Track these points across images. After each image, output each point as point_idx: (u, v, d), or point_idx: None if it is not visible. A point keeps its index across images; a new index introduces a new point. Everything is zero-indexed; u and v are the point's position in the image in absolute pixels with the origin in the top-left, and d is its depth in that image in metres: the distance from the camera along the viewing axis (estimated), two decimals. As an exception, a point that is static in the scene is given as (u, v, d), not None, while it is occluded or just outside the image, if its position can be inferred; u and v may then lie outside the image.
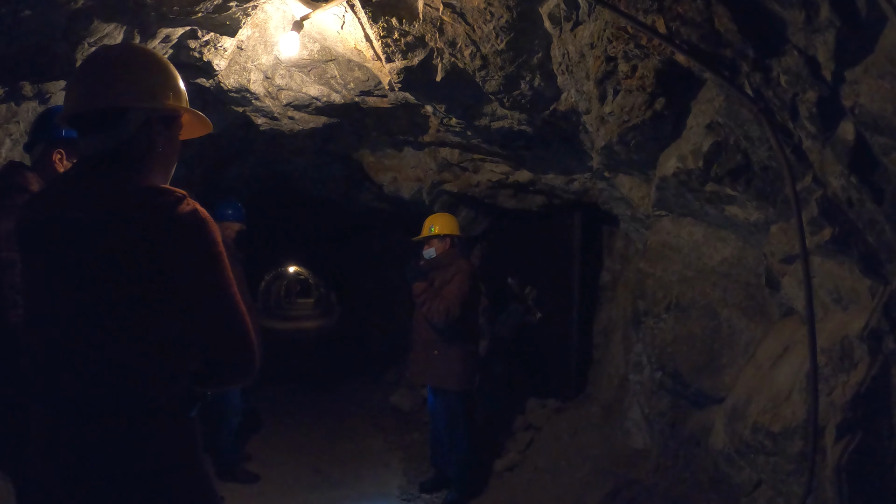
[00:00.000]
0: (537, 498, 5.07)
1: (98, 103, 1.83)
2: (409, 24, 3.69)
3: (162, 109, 1.91)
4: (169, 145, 1.96)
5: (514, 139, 4.89)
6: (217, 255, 1.78)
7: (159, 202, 1.72)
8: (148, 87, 1.88)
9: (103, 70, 1.87)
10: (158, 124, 1.91)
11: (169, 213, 1.71)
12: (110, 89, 1.83)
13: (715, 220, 3.74)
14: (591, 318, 6.68)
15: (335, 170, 8.09)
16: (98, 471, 1.71)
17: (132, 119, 1.84)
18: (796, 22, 2.41)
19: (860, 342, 2.88)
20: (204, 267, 1.76)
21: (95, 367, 1.72)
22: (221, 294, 1.78)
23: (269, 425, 7.62)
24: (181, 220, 1.72)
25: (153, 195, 1.74)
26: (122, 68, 1.87)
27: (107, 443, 1.72)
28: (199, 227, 1.75)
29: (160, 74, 1.92)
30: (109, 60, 1.90)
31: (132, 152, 1.85)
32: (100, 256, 1.70)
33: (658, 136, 3.57)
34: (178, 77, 1.99)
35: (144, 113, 1.86)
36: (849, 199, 2.73)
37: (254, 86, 4.81)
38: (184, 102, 1.99)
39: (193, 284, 1.74)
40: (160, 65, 1.95)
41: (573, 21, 3.32)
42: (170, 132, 1.96)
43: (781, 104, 2.72)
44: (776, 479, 3.21)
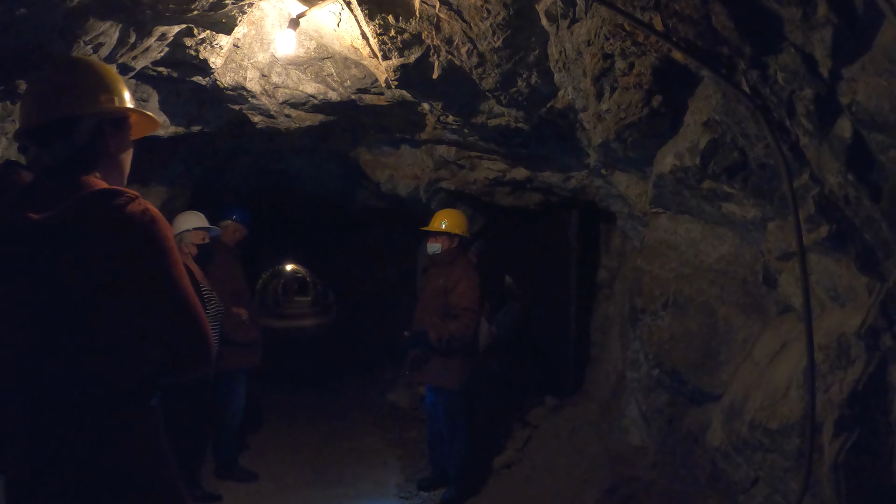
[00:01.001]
0: (535, 495, 5.08)
1: (51, 116, 1.92)
2: (406, 22, 3.68)
3: (110, 112, 1.99)
4: (121, 145, 2.05)
5: (511, 137, 4.88)
6: (167, 251, 1.86)
7: (111, 203, 1.80)
8: (93, 93, 1.97)
9: (51, 84, 1.99)
10: (109, 127, 2.00)
11: (120, 213, 1.79)
12: (60, 101, 1.93)
13: (712, 217, 3.74)
14: (589, 315, 6.69)
15: (332, 168, 8.08)
16: (64, 458, 1.79)
17: (84, 126, 1.94)
18: (793, 19, 2.41)
19: (857, 339, 2.88)
20: (154, 263, 1.84)
21: (56, 361, 1.80)
22: (172, 288, 1.86)
23: (268, 423, 7.62)
24: (131, 219, 1.80)
25: (105, 197, 1.81)
26: (67, 79, 1.98)
27: (70, 432, 1.79)
28: (148, 226, 1.83)
29: (103, 80, 2.01)
30: (55, 74, 2.03)
31: (88, 157, 1.95)
32: (56, 256, 1.77)
33: (655, 133, 3.57)
34: (120, 80, 2.08)
35: (95, 118, 1.95)
36: (846, 196, 2.73)
37: (250, 84, 4.80)
38: (129, 103, 2.06)
39: (145, 280, 1.82)
40: (102, 70, 2.05)
41: (570, 18, 3.31)
42: (121, 133, 2.05)
43: (778, 101, 2.72)
44: (773, 476, 3.21)
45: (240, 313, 5.49)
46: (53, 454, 1.79)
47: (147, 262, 1.82)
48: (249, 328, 5.61)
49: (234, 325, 5.37)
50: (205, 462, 5.41)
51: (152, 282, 1.83)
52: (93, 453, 1.80)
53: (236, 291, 5.62)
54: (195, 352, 1.91)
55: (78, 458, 1.79)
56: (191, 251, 5.05)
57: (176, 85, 4.71)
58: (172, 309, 1.86)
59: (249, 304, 5.82)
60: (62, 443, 1.79)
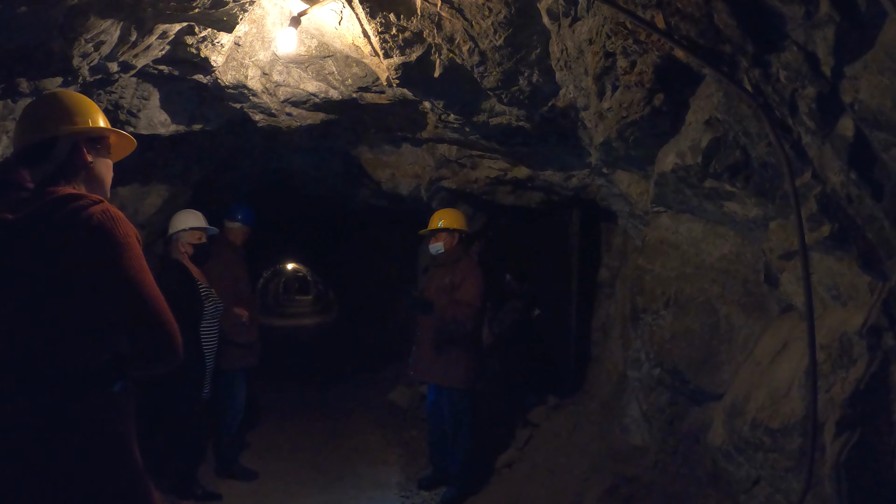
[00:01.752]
0: (535, 494, 5.07)
1: (34, 137, 2.23)
2: (407, 20, 3.68)
3: (85, 131, 2.28)
4: (99, 162, 2.33)
5: (513, 135, 4.88)
6: (125, 247, 2.03)
7: (72, 204, 2.02)
8: (67, 116, 2.28)
9: (34, 112, 2.32)
10: (86, 144, 2.28)
11: (79, 213, 2.00)
12: (40, 125, 2.26)
13: (714, 216, 3.73)
14: (590, 314, 6.69)
15: (333, 166, 8.07)
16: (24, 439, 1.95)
17: (62, 144, 2.23)
18: (796, 17, 2.40)
19: (859, 339, 2.87)
20: (112, 260, 2.00)
21: (22, 346, 1.97)
22: (131, 284, 2.02)
23: (268, 422, 7.62)
24: (90, 219, 2.00)
25: (67, 199, 2.04)
26: (45, 107, 2.33)
27: (32, 413, 1.95)
28: (106, 224, 2.02)
29: (79, 105, 2.34)
30: (37, 104, 2.38)
31: (68, 172, 2.22)
32: (23, 251, 1.98)
33: (657, 131, 3.56)
34: (94, 107, 2.39)
35: (71, 137, 2.25)
36: (848, 195, 2.73)
37: (251, 82, 4.79)
38: (101, 124, 2.35)
39: (103, 275, 1.99)
40: (77, 99, 2.37)
41: (572, 17, 3.30)
42: (97, 151, 2.33)
43: (781, 100, 2.72)
44: (775, 476, 3.21)
45: (240, 314, 5.49)
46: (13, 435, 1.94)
47: (105, 258, 1.99)
48: (249, 329, 5.61)
49: (233, 326, 5.37)
50: (205, 461, 5.41)
51: (110, 277, 2.00)
52: (52, 434, 1.95)
53: (238, 292, 5.62)
54: (157, 345, 2.06)
55: (38, 438, 1.94)
56: (187, 251, 5.04)
57: (177, 83, 4.70)
58: (132, 304, 2.02)
59: (251, 306, 5.83)
60: (23, 424, 1.94)
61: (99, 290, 1.98)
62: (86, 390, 2.02)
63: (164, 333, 2.05)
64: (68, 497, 1.96)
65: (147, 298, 2.03)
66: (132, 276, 2.02)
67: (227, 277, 5.50)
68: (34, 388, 1.96)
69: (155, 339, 2.05)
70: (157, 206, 6.70)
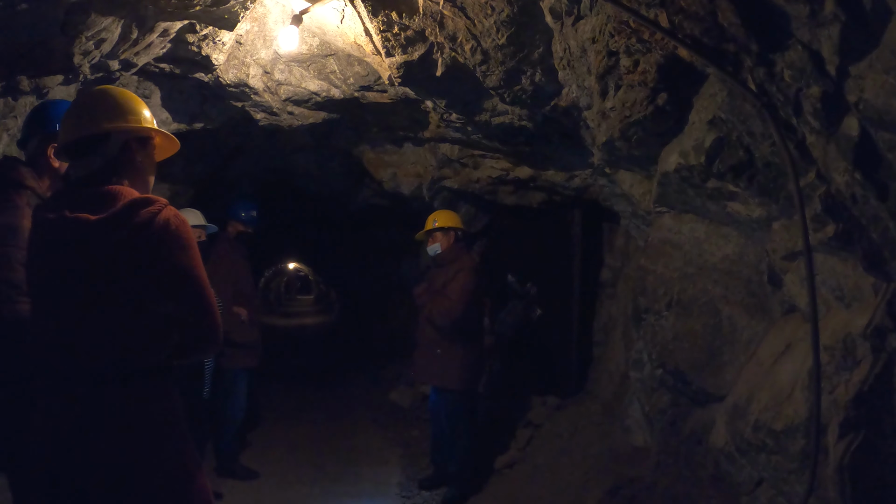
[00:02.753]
0: (537, 495, 5.06)
1: (86, 132, 2.31)
2: (410, 19, 3.67)
3: (135, 130, 2.37)
4: (146, 161, 2.43)
5: (515, 135, 4.86)
6: (191, 249, 2.24)
7: (147, 210, 2.16)
8: (121, 114, 2.35)
9: (86, 106, 2.39)
10: (135, 144, 2.37)
11: (154, 218, 2.15)
12: (93, 120, 2.32)
13: (717, 216, 3.72)
14: (592, 315, 6.67)
15: (335, 166, 8.07)
16: (96, 423, 2.12)
17: (114, 141, 2.33)
18: (800, 16, 2.38)
19: (863, 340, 2.86)
20: (182, 260, 2.20)
21: (95, 341, 2.15)
22: (194, 281, 2.23)
23: (269, 422, 7.62)
24: (164, 224, 2.16)
25: (142, 204, 2.18)
26: (99, 103, 2.38)
27: (105, 398, 2.14)
28: (177, 229, 2.19)
29: (128, 104, 2.40)
30: (89, 98, 2.46)
31: (117, 168, 2.32)
32: (100, 253, 2.13)
33: (660, 131, 3.54)
34: (144, 105, 2.46)
35: (122, 134, 2.34)
36: (853, 195, 2.71)
37: (253, 80, 4.79)
38: (151, 125, 2.43)
39: (173, 274, 2.19)
40: (127, 97, 2.43)
41: (575, 15, 3.29)
42: (145, 150, 2.42)
43: (785, 99, 2.70)
44: (778, 478, 3.19)
45: (239, 313, 5.49)
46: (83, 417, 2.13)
47: (175, 258, 2.18)
48: (250, 329, 5.61)
49: (233, 325, 5.36)
50: (205, 460, 5.40)
51: (178, 274, 2.19)
52: (118, 416, 2.14)
53: (238, 291, 5.61)
54: (208, 333, 2.27)
55: (106, 420, 2.13)
56: None
57: (178, 82, 4.70)
58: (192, 296, 2.22)
59: (252, 305, 5.82)
60: (94, 408, 2.13)
61: (168, 287, 2.19)
62: (151, 380, 2.23)
63: (215, 328, 2.28)
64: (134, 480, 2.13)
65: (203, 292, 2.25)
66: (197, 275, 2.23)
67: (228, 276, 5.49)
68: (103, 380, 2.15)
69: (205, 332, 2.28)
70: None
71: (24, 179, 2.90)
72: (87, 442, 2.11)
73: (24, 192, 2.88)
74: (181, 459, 2.25)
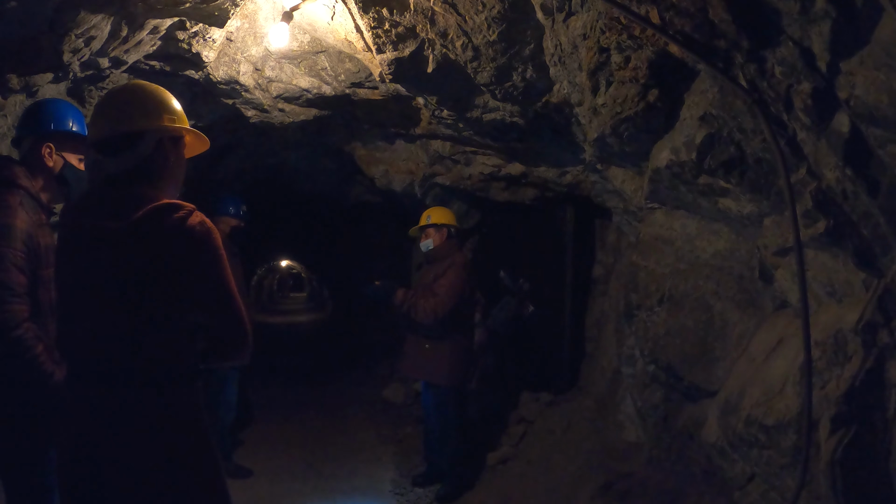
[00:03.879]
0: (530, 491, 5.07)
1: (121, 129, 2.26)
2: (400, 15, 3.66)
3: (170, 130, 2.32)
4: (178, 161, 2.40)
5: (506, 131, 4.86)
6: (220, 257, 2.21)
7: (174, 216, 2.14)
8: (156, 112, 2.31)
9: (120, 102, 2.33)
10: (168, 143, 2.33)
11: (181, 225, 2.13)
12: (128, 117, 2.27)
13: (708, 212, 3.72)
14: (584, 311, 6.68)
15: (326, 163, 8.06)
16: (122, 428, 2.13)
17: (148, 140, 2.27)
18: (791, 12, 2.39)
19: (854, 335, 2.86)
20: (210, 267, 2.19)
21: (123, 346, 2.14)
22: (223, 288, 2.21)
23: (262, 419, 7.60)
24: (191, 231, 2.14)
25: (168, 210, 2.15)
26: (135, 99, 2.33)
27: (131, 404, 2.14)
28: (205, 236, 2.17)
29: (163, 101, 2.36)
30: (124, 94, 2.37)
31: (150, 168, 2.29)
32: (126, 259, 2.11)
33: (651, 127, 3.54)
34: (175, 101, 2.42)
35: (157, 133, 2.29)
36: (843, 191, 2.72)
37: (243, 77, 4.77)
38: (185, 123, 2.40)
39: (201, 281, 2.18)
40: (162, 94, 2.39)
41: (566, 12, 3.29)
42: (177, 150, 2.39)
43: (776, 96, 2.70)
44: (769, 473, 3.20)
45: None
46: (110, 424, 2.13)
47: (203, 265, 2.17)
48: None
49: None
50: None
51: (206, 281, 2.18)
52: (147, 419, 2.14)
53: None
54: (238, 341, 2.29)
55: (133, 423, 2.13)
56: None
57: (168, 79, 4.67)
58: (221, 304, 2.22)
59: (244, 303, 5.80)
60: (121, 412, 2.13)
61: (197, 293, 2.18)
62: (177, 386, 2.22)
63: (245, 334, 2.28)
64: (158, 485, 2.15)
65: (232, 299, 2.23)
66: (224, 281, 2.21)
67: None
68: (132, 385, 2.14)
69: (236, 338, 2.28)
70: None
71: (17, 179, 2.89)
72: (113, 446, 2.13)
73: (17, 192, 2.87)
74: (204, 465, 2.29)
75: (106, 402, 2.14)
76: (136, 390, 2.14)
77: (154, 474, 2.14)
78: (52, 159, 3.03)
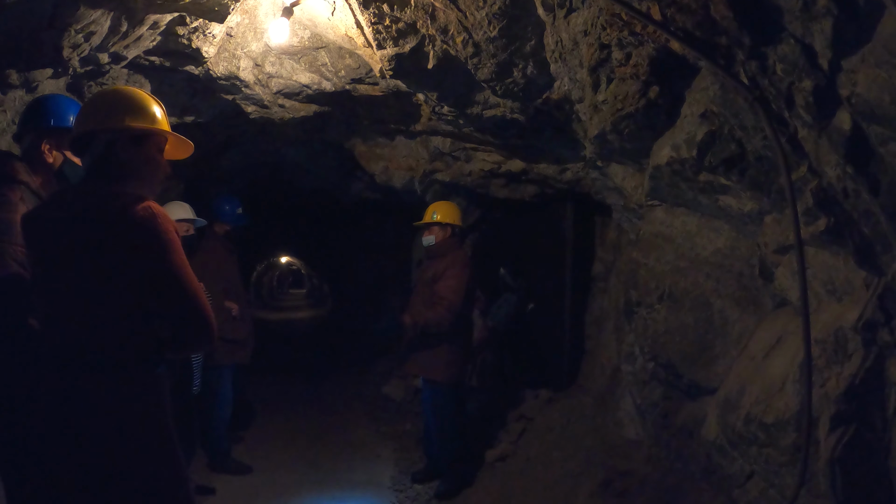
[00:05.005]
0: (529, 488, 5.07)
1: (78, 130, 2.39)
2: (401, 11, 3.65)
3: (129, 130, 2.36)
4: (142, 161, 2.41)
5: (507, 128, 4.85)
6: (167, 246, 2.22)
7: (116, 203, 2.20)
8: (111, 113, 2.36)
9: (85, 106, 2.44)
10: (126, 143, 2.37)
11: (125, 211, 2.18)
12: (82, 119, 2.39)
13: (708, 210, 3.72)
14: (584, 308, 6.68)
15: (326, 159, 8.05)
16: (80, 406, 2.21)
17: (99, 140, 2.35)
18: (793, 10, 2.38)
19: (854, 334, 2.86)
20: (156, 256, 2.21)
21: (82, 329, 2.24)
22: (173, 277, 2.23)
23: (262, 416, 7.61)
24: (134, 218, 2.18)
25: (112, 197, 2.23)
26: (95, 102, 2.43)
27: (89, 385, 2.22)
28: (150, 221, 2.20)
29: (128, 104, 2.40)
30: (91, 98, 2.49)
31: (106, 167, 2.35)
32: (79, 247, 2.21)
33: (652, 124, 3.54)
34: (147, 104, 2.44)
35: (109, 134, 2.35)
36: (844, 189, 2.71)
37: (243, 73, 4.76)
38: (160, 125, 2.43)
39: (149, 270, 2.21)
40: (129, 97, 2.44)
41: (567, 8, 3.28)
42: (141, 149, 2.40)
43: (777, 93, 2.70)
44: (769, 471, 3.20)
45: (230, 307, 5.47)
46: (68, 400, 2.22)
47: (149, 253, 2.20)
48: (240, 325, 5.58)
49: (223, 320, 5.34)
50: (196, 455, 5.38)
51: (153, 270, 2.21)
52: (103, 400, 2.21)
53: (228, 286, 5.59)
54: (195, 330, 2.30)
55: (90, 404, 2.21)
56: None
57: (168, 74, 4.67)
58: (174, 294, 2.24)
59: (242, 300, 5.80)
60: (79, 391, 2.21)
61: (144, 281, 2.21)
62: (134, 371, 2.27)
63: (201, 319, 2.28)
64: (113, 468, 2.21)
65: (186, 288, 2.25)
66: (172, 269, 2.23)
67: (217, 271, 5.47)
68: (89, 369, 2.22)
69: (192, 324, 2.29)
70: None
71: (17, 174, 2.89)
72: (74, 426, 2.21)
73: (18, 188, 2.86)
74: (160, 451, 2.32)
75: (64, 387, 2.23)
76: (92, 375, 2.22)
77: (108, 458, 2.21)
78: (53, 155, 3.02)
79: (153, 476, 2.28)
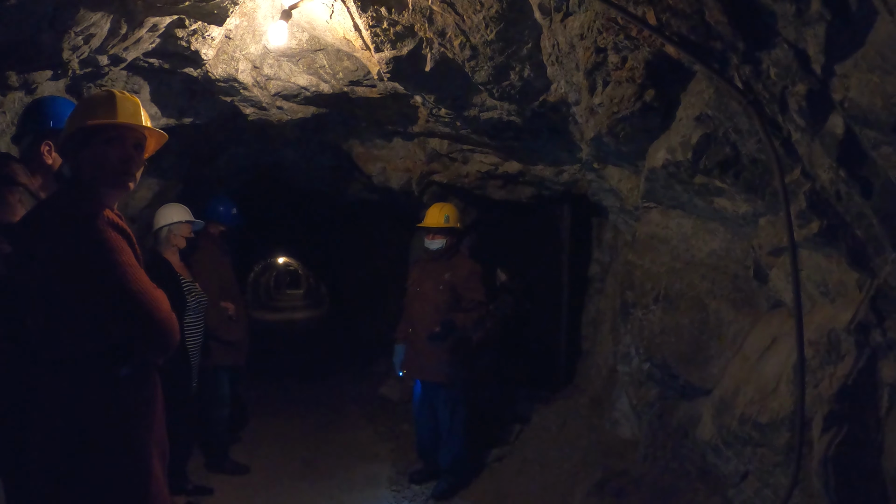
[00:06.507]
0: (526, 488, 5.09)
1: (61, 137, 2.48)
2: (399, 14, 3.67)
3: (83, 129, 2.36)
4: (87, 164, 2.39)
5: (504, 130, 4.87)
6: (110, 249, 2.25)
7: (59, 208, 2.29)
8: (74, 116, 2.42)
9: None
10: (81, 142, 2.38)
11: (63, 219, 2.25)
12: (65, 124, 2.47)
13: (704, 212, 3.75)
14: (580, 309, 6.70)
15: (324, 160, 8.06)
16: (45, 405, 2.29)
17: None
18: (787, 15, 2.40)
19: (847, 335, 2.89)
20: (99, 259, 2.23)
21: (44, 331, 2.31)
22: (117, 280, 2.24)
23: (259, 416, 7.61)
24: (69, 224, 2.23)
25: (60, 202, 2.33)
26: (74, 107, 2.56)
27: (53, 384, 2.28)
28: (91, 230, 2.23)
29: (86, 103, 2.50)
30: None
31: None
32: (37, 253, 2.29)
33: (647, 127, 3.56)
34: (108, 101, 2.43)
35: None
36: (837, 192, 2.74)
37: (242, 75, 4.78)
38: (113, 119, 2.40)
39: (92, 274, 2.23)
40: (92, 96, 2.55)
41: (563, 12, 3.30)
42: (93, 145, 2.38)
43: (771, 97, 2.72)
44: (763, 471, 3.23)
45: (226, 307, 5.47)
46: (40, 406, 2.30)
47: (89, 260, 2.23)
48: (235, 326, 5.58)
49: (219, 322, 5.34)
50: (193, 455, 5.39)
51: (97, 277, 2.24)
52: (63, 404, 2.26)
53: (224, 287, 5.60)
54: (147, 336, 2.31)
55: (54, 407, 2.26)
56: (179, 244, 5.01)
57: (167, 76, 4.68)
58: (120, 300, 2.25)
59: (238, 301, 5.80)
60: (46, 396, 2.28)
61: (88, 288, 2.24)
62: (93, 374, 2.28)
63: (152, 324, 2.29)
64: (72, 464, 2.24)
65: (133, 294, 2.25)
66: (116, 275, 2.24)
67: (213, 273, 5.48)
68: (51, 369, 2.28)
69: (143, 330, 2.29)
70: (147, 199, 6.68)
71: (16, 176, 2.89)
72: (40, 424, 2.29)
73: (17, 189, 2.86)
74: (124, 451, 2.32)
75: (34, 386, 2.32)
76: (53, 376, 2.28)
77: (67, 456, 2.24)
78: (52, 157, 3.03)
79: (113, 475, 2.28)
